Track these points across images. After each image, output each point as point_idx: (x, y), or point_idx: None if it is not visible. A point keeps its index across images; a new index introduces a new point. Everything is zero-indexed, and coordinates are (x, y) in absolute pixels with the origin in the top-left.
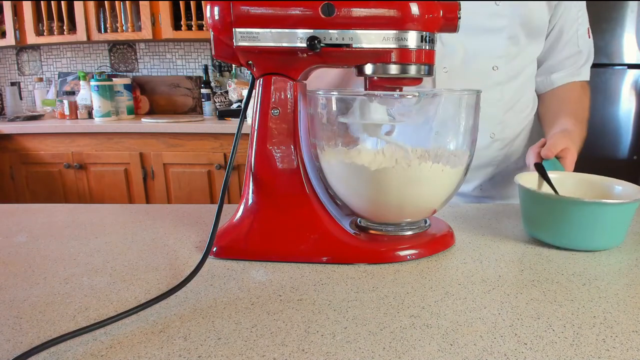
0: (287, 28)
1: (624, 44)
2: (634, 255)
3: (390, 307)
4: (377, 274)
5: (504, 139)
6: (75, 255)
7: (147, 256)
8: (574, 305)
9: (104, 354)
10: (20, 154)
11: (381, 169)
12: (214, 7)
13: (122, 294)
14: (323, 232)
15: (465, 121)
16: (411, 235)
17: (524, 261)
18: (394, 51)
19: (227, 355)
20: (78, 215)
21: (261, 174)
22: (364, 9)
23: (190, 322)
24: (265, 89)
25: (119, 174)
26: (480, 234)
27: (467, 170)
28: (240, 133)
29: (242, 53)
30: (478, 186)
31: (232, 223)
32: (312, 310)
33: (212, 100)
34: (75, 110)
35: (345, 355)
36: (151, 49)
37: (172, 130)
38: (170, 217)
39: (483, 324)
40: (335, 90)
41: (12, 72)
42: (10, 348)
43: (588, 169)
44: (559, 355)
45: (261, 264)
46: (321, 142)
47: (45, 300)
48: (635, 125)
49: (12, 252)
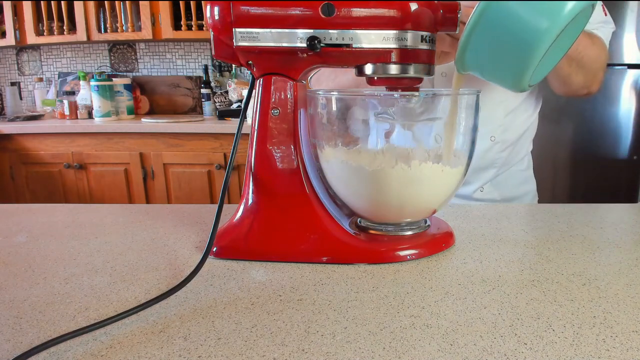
0: (287, 28)
1: (624, 44)
2: (634, 255)
3: (390, 307)
4: (377, 274)
5: (505, 142)
6: (75, 255)
7: (147, 256)
8: (574, 305)
9: (104, 354)
10: (20, 154)
11: (380, 169)
12: (214, 7)
13: (122, 294)
14: (323, 232)
15: (465, 121)
16: (411, 235)
17: (524, 261)
18: (394, 51)
19: (227, 355)
20: (78, 215)
21: (261, 174)
22: (364, 9)
23: (190, 322)
24: (265, 89)
25: (119, 174)
26: (480, 234)
27: (467, 170)
28: (240, 133)
29: (242, 53)
30: (479, 188)
31: (232, 223)
32: (312, 310)
33: (212, 100)
34: (75, 110)
35: (345, 355)
36: (151, 49)
37: (172, 130)
38: (170, 217)
39: (483, 324)
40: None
41: (12, 72)
42: (10, 348)
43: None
44: (559, 355)
45: (261, 264)
46: (321, 142)
47: (45, 300)
48: (635, 125)
49: (12, 252)
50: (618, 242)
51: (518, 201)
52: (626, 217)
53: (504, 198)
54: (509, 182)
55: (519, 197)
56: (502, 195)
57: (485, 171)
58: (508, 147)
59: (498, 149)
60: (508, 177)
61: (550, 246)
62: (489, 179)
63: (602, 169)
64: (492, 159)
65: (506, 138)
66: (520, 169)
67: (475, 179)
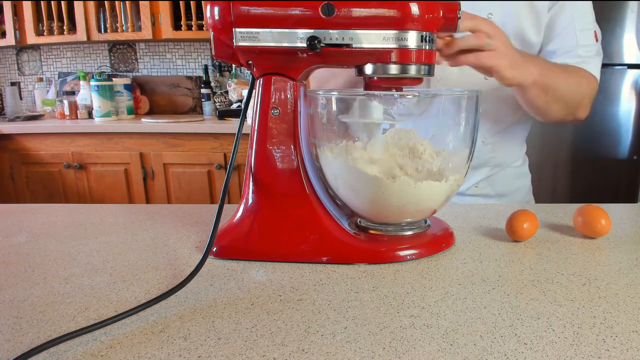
0: (287, 28)
1: (624, 44)
2: (634, 255)
3: (390, 307)
4: (377, 274)
5: (496, 143)
6: (75, 255)
7: (147, 256)
8: (574, 305)
9: (104, 354)
10: (20, 154)
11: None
12: (214, 7)
13: (122, 294)
14: (323, 232)
15: (465, 121)
16: (411, 235)
17: (524, 261)
18: (394, 51)
19: (227, 355)
20: (78, 215)
21: (261, 174)
22: (364, 9)
23: (190, 322)
24: (265, 89)
25: (119, 174)
26: (480, 234)
27: (467, 171)
28: (240, 133)
29: (242, 53)
30: (473, 185)
31: (232, 223)
32: (312, 310)
33: (212, 100)
34: (75, 110)
35: (345, 355)
36: (151, 49)
37: (172, 130)
38: (170, 217)
39: (483, 324)
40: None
41: (12, 72)
42: (10, 348)
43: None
44: (559, 355)
45: (261, 264)
46: (321, 142)
47: (45, 300)
48: (635, 125)
49: (12, 252)
50: (618, 242)
51: (513, 196)
52: (626, 217)
53: (498, 193)
54: (504, 178)
55: (513, 192)
56: (496, 190)
57: (479, 170)
58: (500, 148)
59: (489, 150)
60: (503, 174)
61: (550, 246)
62: (483, 177)
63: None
64: (484, 159)
65: (498, 139)
66: (515, 166)
67: (469, 176)
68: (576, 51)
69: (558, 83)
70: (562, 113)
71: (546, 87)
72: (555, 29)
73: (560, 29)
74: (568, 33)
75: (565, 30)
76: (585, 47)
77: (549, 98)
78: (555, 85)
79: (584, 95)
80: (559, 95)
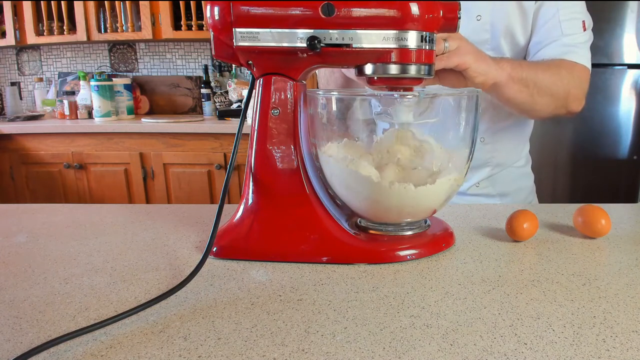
0: (287, 28)
1: (624, 44)
2: (634, 255)
3: (390, 307)
4: (377, 274)
5: (495, 142)
6: (75, 255)
7: (147, 256)
8: (574, 305)
9: (104, 354)
10: (20, 154)
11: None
12: (214, 7)
13: (122, 294)
14: (323, 232)
15: (465, 121)
16: (411, 235)
17: (524, 261)
18: (394, 51)
19: (227, 355)
20: (78, 215)
21: (261, 174)
22: (364, 9)
23: (190, 322)
24: (265, 89)
25: (119, 174)
26: (480, 234)
27: (467, 171)
28: (240, 133)
29: (242, 53)
30: (474, 184)
31: (232, 223)
32: (312, 310)
33: (212, 100)
34: (75, 110)
35: (345, 355)
36: (151, 49)
37: (172, 130)
38: (170, 217)
39: (483, 324)
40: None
41: (12, 72)
42: (10, 348)
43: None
44: (559, 355)
45: (261, 264)
46: (321, 142)
47: (45, 300)
48: (635, 125)
49: (12, 252)
50: (618, 242)
51: (515, 196)
52: (626, 217)
53: (499, 193)
54: (506, 178)
55: (515, 191)
56: (497, 190)
57: (480, 170)
58: (500, 147)
59: (489, 149)
60: (505, 174)
61: (550, 246)
62: (484, 177)
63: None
64: (484, 159)
65: (497, 139)
66: (518, 166)
67: (470, 176)
68: (561, 40)
69: (536, 75)
70: (551, 106)
71: (525, 80)
72: (539, 21)
73: (544, 21)
74: (553, 24)
75: (550, 22)
76: (571, 36)
77: (532, 91)
78: (534, 77)
79: (570, 85)
80: (542, 87)
